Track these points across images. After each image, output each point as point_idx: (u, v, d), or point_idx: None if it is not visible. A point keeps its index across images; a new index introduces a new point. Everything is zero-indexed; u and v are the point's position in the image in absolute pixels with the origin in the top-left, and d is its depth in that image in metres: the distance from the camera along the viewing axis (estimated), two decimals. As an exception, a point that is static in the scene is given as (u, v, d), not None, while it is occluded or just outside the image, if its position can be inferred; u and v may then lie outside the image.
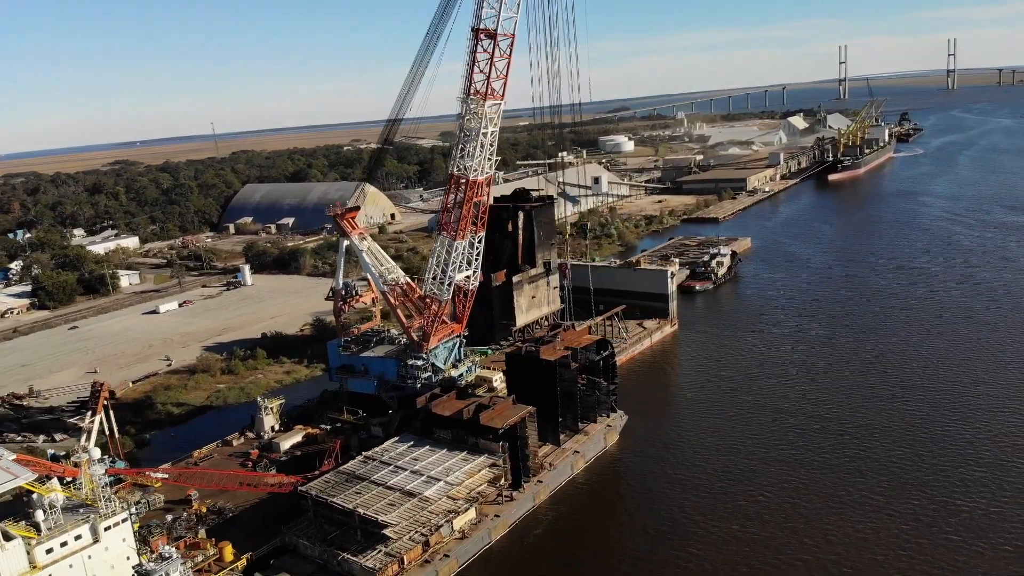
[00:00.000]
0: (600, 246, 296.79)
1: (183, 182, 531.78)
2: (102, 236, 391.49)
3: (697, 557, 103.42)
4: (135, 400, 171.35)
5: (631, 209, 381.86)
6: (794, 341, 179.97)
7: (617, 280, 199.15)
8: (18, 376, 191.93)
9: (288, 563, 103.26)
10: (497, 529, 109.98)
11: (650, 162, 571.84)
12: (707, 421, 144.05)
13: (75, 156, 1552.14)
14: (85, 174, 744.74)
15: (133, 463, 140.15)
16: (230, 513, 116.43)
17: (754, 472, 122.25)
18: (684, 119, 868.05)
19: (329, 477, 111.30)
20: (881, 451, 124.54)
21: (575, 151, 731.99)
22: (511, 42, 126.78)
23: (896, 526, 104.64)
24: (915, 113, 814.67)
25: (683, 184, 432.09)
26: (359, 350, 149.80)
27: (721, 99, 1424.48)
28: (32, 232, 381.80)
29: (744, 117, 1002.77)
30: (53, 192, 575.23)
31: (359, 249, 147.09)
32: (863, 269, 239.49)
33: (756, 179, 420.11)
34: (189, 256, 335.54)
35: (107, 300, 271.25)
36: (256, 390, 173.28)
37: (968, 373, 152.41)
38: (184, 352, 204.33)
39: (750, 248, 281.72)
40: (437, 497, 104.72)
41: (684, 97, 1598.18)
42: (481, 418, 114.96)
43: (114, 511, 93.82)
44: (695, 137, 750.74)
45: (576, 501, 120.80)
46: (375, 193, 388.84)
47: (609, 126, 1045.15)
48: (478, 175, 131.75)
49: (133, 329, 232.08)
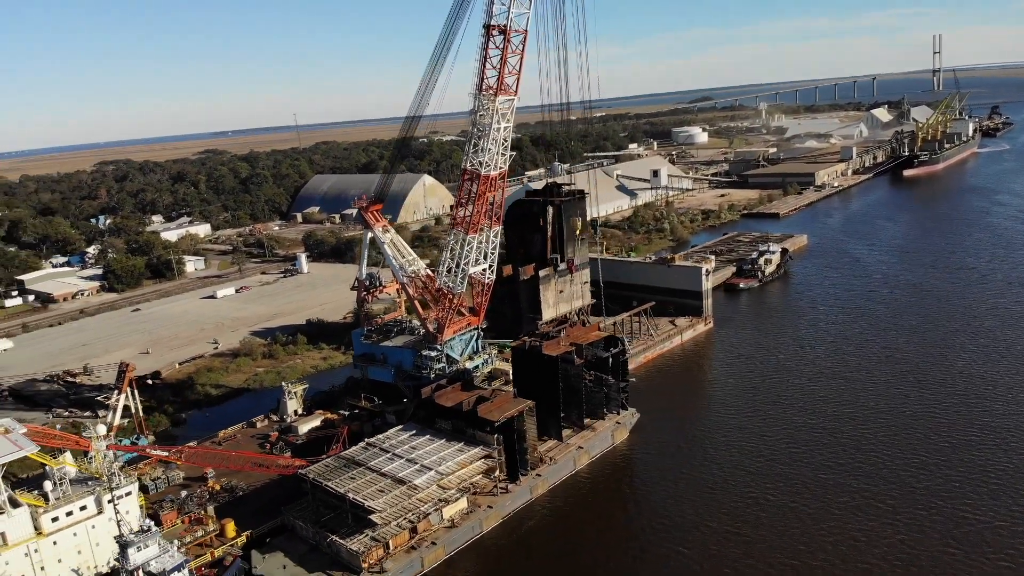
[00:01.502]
0: (650, 241, 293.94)
1: (259, 171, 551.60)
2: (177, 223, 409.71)
3: (686, 556, 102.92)
4: (178, 380, 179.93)
5: (691, 203, 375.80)
6: (830, 344, 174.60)
7: (651, 276, 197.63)
8: (77, 354, 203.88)
9: (284, 542, 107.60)
10: (489, 520, 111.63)
11: (721, 154, 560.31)
12: (725, 421, 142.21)
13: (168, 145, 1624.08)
14: (174, 162, 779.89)
15: (168, 440, 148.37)
16: (240, 492, 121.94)
17: (763, 474, 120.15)
18: (763, 110, 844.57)
19: (329, 462, 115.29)
20: (896, 459, 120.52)
21: (646, 142, 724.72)
22: (523, 38, 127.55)
23: (898, 535, 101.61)
24: (1009, 107, 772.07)
25: (749, 178, 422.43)
26: (380, 339, 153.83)
27: (807, 90, 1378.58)
28: (112, 218, 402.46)
29: (828, 109, 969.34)
30: (140, 180, 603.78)
31: (381, 241, 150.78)
32: (918, 269, 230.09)
33: (825, 174, 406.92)
34: (254, 244, 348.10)
35: (171, 284, 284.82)
36: (292, 374, 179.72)
37: (1006, 383, 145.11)
38: (233, 336, 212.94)
39: (806, 246, 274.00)
40: (426, 485, 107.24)
41: (770, 87, 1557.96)
42: (479, 410, 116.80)
43: (119, 484, 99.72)
44: (772, 129, 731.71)
45: (575, 496, 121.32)
46: (434, 184, 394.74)
47: (688, 116, 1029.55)
48: (490, 170, 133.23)
49: (190, 313, 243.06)
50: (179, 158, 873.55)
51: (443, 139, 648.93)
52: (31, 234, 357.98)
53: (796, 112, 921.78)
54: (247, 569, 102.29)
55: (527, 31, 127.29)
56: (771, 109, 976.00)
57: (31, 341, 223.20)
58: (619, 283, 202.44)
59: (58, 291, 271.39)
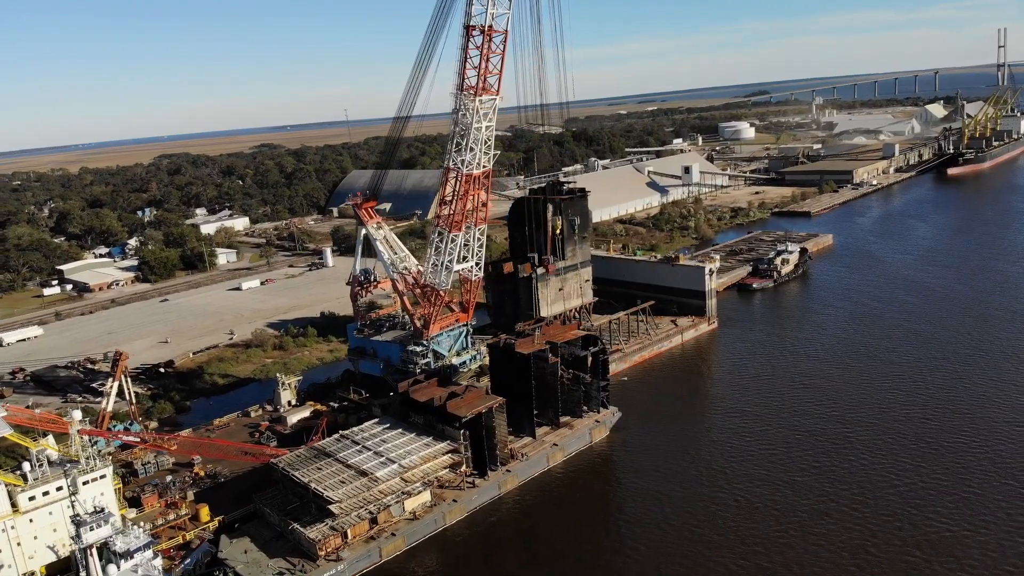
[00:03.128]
0: (672, 239, 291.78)
1: (303, 166, 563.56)
2: (217, 216, 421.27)
3: (643, 553, 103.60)
4: (189, 370, 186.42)
5: (724, 200, 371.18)
6: (832, 347, 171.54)
7: (655, 275, 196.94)
8: (102, 342, 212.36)
9: (253, 528, 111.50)
10: (453, 513, 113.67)
11: (764, 150, 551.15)
12: (712, 422, 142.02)
13: (226, 139, 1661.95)
14: (228, 156, 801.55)
15: (173, 427, 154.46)
16: (223, 479, 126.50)
17: (739, 475, 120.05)
18: (813, 105, 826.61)
19: (301, 452, 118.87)
20: (874, 466, 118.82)
21: (691, 138, 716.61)
22: (504, 38, 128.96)
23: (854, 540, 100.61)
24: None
25: (786, 175, 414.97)
26: (371, 333, 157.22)
27: (866, 84, 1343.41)
28: (156, 211, 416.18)
29: (885, 104, 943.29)
30: (191, 173, 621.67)
31: (373, 237, 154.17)
32: (942, 272, 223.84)
33: (865, 172, 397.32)
34: (287, 237, 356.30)
35: (202, 276, 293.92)
36: (298, 366, 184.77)
37: (1000, 393, 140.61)
38: (250, 327, 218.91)
39: (831, 246, 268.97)
40: (388, 478, 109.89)
41: (827, 81, 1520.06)
42: (448, 405, 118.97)
43: (93, 468, 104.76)
44: (823, 124, 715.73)
45: (546, 492, 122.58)
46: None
47: (741, 111, 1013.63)
48: (472, 169, 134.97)
49: (213, 304, 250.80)
50: (234, 152, 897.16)
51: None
52: (77, 225, 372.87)
53: (851, 107, 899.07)
54: (213, 552, 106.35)
55: (508, 31, 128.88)
56: (826, 104, 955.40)
57: (62, 329, 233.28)
58: (624, 282, 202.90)
59: (94, 281, 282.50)
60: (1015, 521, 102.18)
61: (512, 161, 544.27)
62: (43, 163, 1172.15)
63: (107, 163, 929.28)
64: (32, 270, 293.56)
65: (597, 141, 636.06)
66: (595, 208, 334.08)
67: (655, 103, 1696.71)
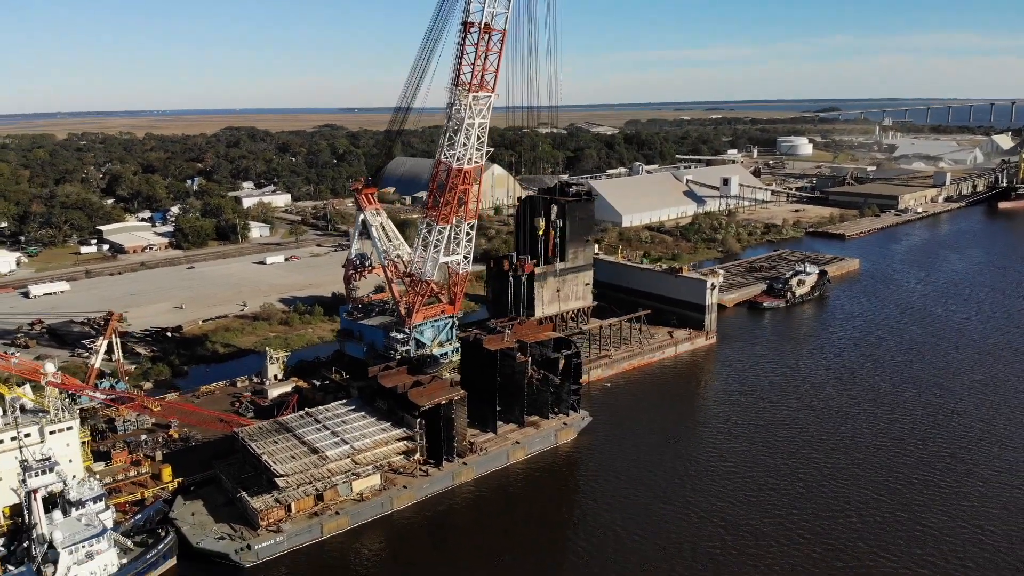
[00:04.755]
0: (696, 250, 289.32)
1: (354, 149, 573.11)
2: (260, 191, 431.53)
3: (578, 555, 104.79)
4: (195, 336, 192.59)
5: (761, 215, 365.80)
6: (825, 374, 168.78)
7: (658, 285, 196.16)
8: (121, 303, 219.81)
9: (210, 493, 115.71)
10: (402, 499, 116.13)
11: (815, 168, 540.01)
12: (683, 435, 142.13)
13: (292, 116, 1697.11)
14: (288, 134, 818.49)
15: (168, 389, 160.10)
16: (194, 443, 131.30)
17: (700, 489, 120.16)
18: (876, 126, 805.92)
19: (264, 425, 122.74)
20: (837, 497, 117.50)
21: (746, 149, 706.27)
22: (502, 37, 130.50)
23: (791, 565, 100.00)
24: None
25: (830, 195, 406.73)
26: (360, 317, 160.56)
27: (940, 109, 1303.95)
28: (206, 181, 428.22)
29: (957, 131, 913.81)
30: (248, 147, 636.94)
31: (370, 223, 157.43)
32: (960, 307, 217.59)
33: (912, 198, 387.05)
34: (322, 217, 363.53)
35: (232, 247, 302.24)
36: (298, 342, 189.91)
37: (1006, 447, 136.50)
38: (263, 301, 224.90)
39: (856, 270, 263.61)
40: (337, 458, 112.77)
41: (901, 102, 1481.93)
42: (409, 394, 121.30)
43: (61, 419, 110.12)
44: (884, 146, 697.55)
45: (501, 488, 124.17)
46: (503, 175, 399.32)
47: (806, 126, 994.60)
48: (463, 164, 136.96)
49: (236, 275, 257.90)
50: (295, 130, 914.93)
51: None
52: (126, 189, 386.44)
53: (918, 131, 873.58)
54: (166, 511, 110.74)
55: (505, 30, 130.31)
56: (895, 126, 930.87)
57: (89, 286, 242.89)
58: (629, 289, 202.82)
59: (130, 243, 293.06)
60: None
61: (558, 160, 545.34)
62: (117, 125, 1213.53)
63: (175, 131, 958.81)
64: (73, 228, 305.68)
65: (649, 145, 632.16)
66: (625, 213, 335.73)
67: (722, 111, 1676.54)
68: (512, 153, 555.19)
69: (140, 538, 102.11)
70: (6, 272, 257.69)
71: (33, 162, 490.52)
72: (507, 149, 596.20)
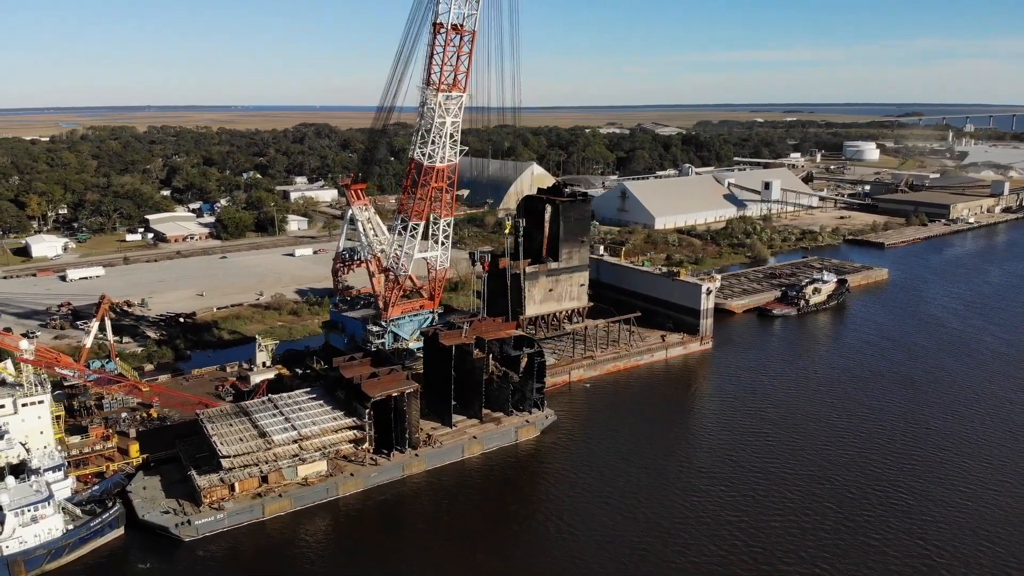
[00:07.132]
0: (722, 255, 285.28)
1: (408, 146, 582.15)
2: (308, 186, 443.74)
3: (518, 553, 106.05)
4: (205, 323, 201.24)
5: (804, 221, 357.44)
6: (819, 386, 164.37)
7: (656, 288, 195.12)
8: (148, 288, 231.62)
9: (169, 470, 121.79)
10: (348, 486, 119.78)
11: (874, 174, 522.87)
12: (652, 440, 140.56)
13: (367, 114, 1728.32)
14: (357, 131, 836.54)
15: (169, 372, 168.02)
16: (170, 422, 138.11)
17: (656, 497, 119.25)
18: (951, 132, 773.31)
19: (226, 408, 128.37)
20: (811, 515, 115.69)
21: (810, 153, 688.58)
22: (472, 38, 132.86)
23: None
24: None
25: (880, 202, 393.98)
26: (345, 309, 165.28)
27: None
28: (260, 175, 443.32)
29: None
30: (312, 142, 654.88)
31: (358, 218, 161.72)
32: (983, 323, 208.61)
33: (965, 207, 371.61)
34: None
35: (268, 239, 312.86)
36: (302, 332, 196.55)
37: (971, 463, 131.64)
38: (281, 291, 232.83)
39: (884, 280, 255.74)
40: (283, 443, 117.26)
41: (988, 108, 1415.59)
42: (363, 385, 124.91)
43: (33, 393, 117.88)
44: (956, 153, 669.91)
45: (453, 481, 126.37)
46: (543, 175, 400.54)
47: (882, 130, 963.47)
48: (435, 162, 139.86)
49: (263, 266, 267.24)
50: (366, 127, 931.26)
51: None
52: (181, 180, 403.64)
53: (999, 138, 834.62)
54: (124, 484, 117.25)
55: (476, 32, 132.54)
56: (976, 133, 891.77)
57: (124, 272, 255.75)
58: (628, 290, 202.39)
59: (172, 232, 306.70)
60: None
61: (608, 159, 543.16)
62: (198, 119, 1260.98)
63: (250, 125, 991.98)
64: (123, 216, 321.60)
65: (707, 147, 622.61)
66: (658, 215, 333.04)
67: (798, 113, 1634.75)
68: (562, 152, 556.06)
69: (89, 507, 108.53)
70: (52, 256, 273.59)
71: (104, 153, 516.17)
72: (561, 149, 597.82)
